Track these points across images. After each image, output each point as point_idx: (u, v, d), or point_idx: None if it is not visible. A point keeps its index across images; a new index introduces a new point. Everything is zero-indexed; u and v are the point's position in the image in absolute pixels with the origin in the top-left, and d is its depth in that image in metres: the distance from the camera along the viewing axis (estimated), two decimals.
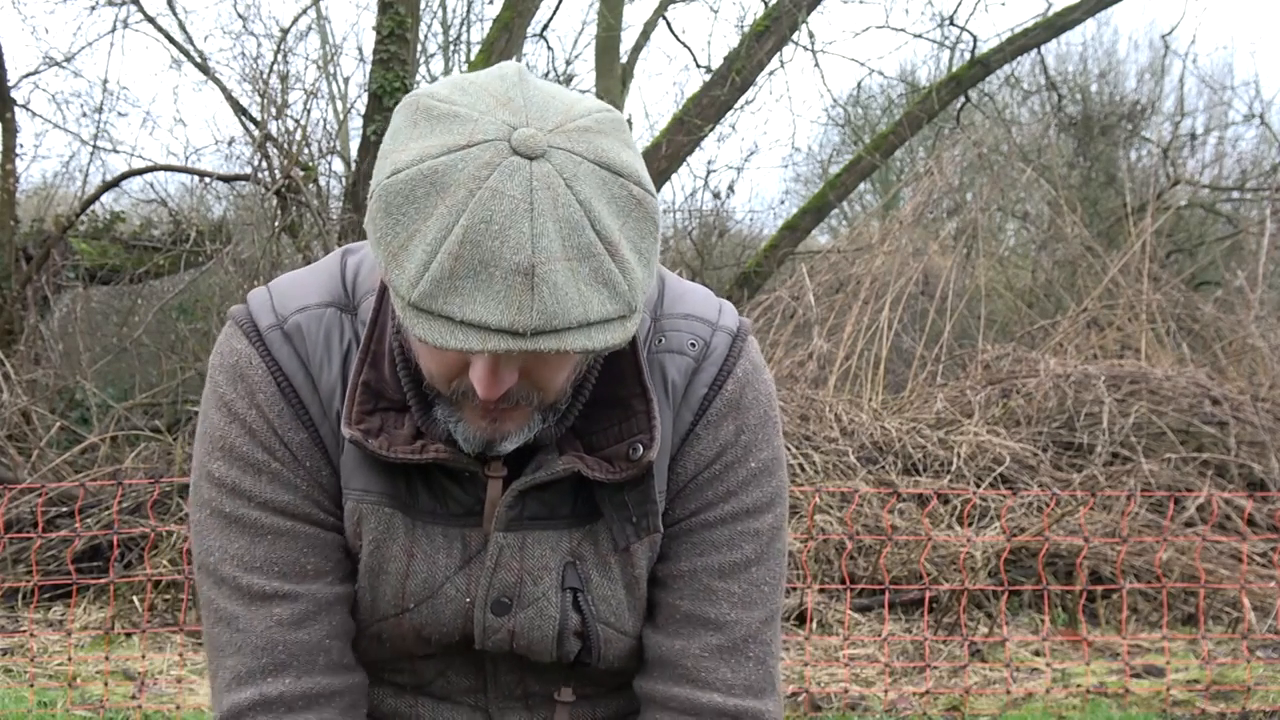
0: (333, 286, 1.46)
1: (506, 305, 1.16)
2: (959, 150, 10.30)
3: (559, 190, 1.18)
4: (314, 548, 1.43)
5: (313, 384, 1.42)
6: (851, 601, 5.28)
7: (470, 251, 1.16)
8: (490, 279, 1.16)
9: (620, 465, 1.38)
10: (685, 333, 1.46)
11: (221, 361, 1.44)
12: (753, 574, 1.47)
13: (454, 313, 1.17)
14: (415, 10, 9.36)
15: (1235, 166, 13.10)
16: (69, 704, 4.28)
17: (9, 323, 8.00)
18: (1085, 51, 14.21)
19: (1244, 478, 6.45)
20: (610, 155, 1.21)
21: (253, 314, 1.44)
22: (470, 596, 1.44)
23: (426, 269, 1.17)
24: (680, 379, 1.44)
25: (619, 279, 1.20)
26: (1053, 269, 10.28)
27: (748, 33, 10.53)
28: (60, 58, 10.13)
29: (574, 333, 1.18)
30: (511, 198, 1.16)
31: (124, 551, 5.49)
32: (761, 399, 1.48)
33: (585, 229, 1.18)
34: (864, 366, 7.61)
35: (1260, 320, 8.08)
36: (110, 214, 9.22)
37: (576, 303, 1.17)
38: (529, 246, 1.16)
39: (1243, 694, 4.49)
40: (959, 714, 4.38)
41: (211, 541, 1.43)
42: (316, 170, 8.59)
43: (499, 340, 1.17)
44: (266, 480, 1.41)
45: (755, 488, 1.47)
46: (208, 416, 1.45)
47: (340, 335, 1.42)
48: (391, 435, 1.37)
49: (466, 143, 1.19)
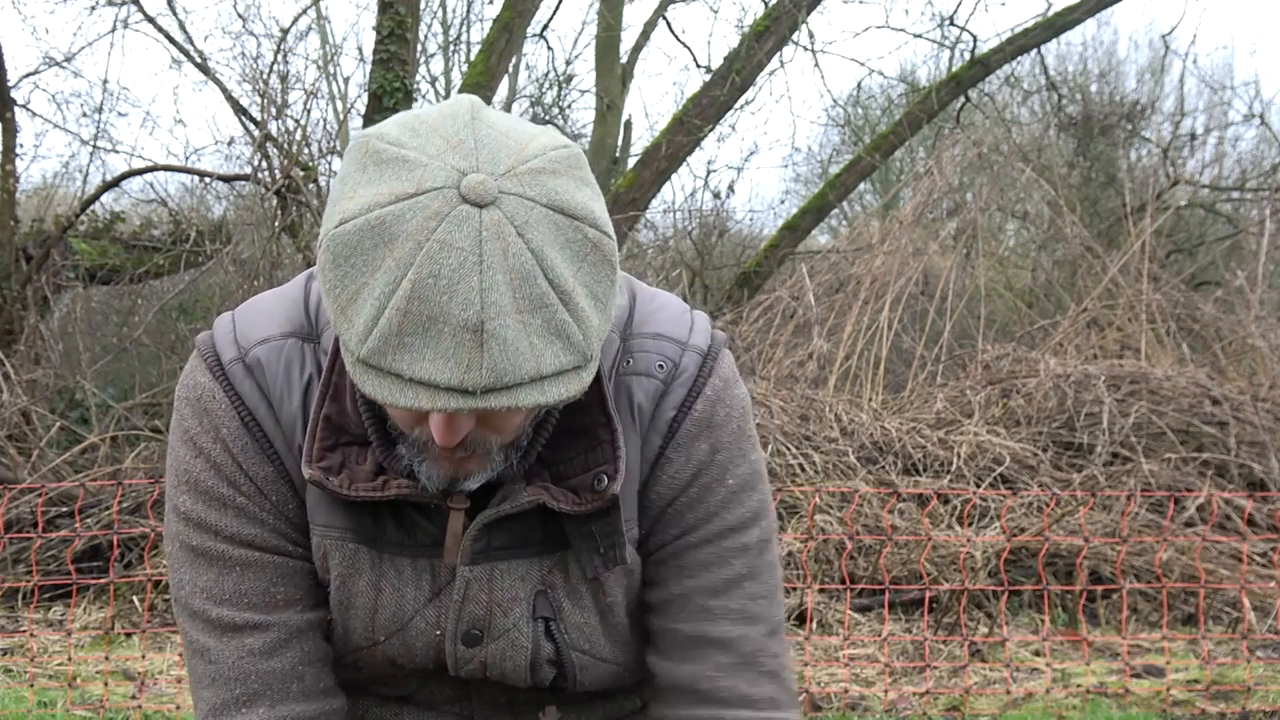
0: (295, 315, 1.43)
1: (455, 363, 1.14)
2: (959, 150, 10.30)
3: (509, 239, 1.14)
4: (283, 577, 1.43)
5: (275, 417, 1.40)
6: (851, 601, 5.28)
7: (418, 307, 1.13)
8: (439, 336, 1.14)
9: (586, 496, 1.36)
10: (654, 354, 1.43)
11: (186, 394, 1.43)
12: (747, 589, 1.45)
13: (403, 370, 1.15)
14: (415, 10, 9.36)
15: (1235, 166, 13.11)
16: (69, 704, 4.28)
17: (9, 323, 8.00)
18: (1085, 51, 14.22)
19: (1244, 478, 6.45)
20: (564, 197, 1.18)
21: (216, 345, 1.42)
22: (440, 629, 1.43)
23: (375, 324, 1.15)
24: (647, 403, 1.41)
25: (573, 329, 1.17)
26: (1053, 269, 10.28)
27: (748, 33, 10.52)
28: (60, 58, 10.15)
29: (526, 388, 1.16)
30: (460, 250, 1.13)
31: (124, 551, 5.49)
32: (734, 414, 1.45)
33: (537, 279, 1.15)
34: (864, 366, 7.60)
35: (1260, 320, 8.07)
36: (110, 214, 9.22)
37: (528, 357, 1.15)
38: (478, 301, 1.13)
39: (1243, 694, 4.49)
40: (959, 714, 4.38)
41: (183, 575, 1.44)
42: (316, 170, 8.59)
43: (449, 399, 1.15)
44: (232, 515, 1.41)
45: (736, 505, 1.45)
46: (174, 449, 1.44)
47: (301, 367, 1.40)
48: (353, 471, 1.36)
49: (415, 190, 1.15)
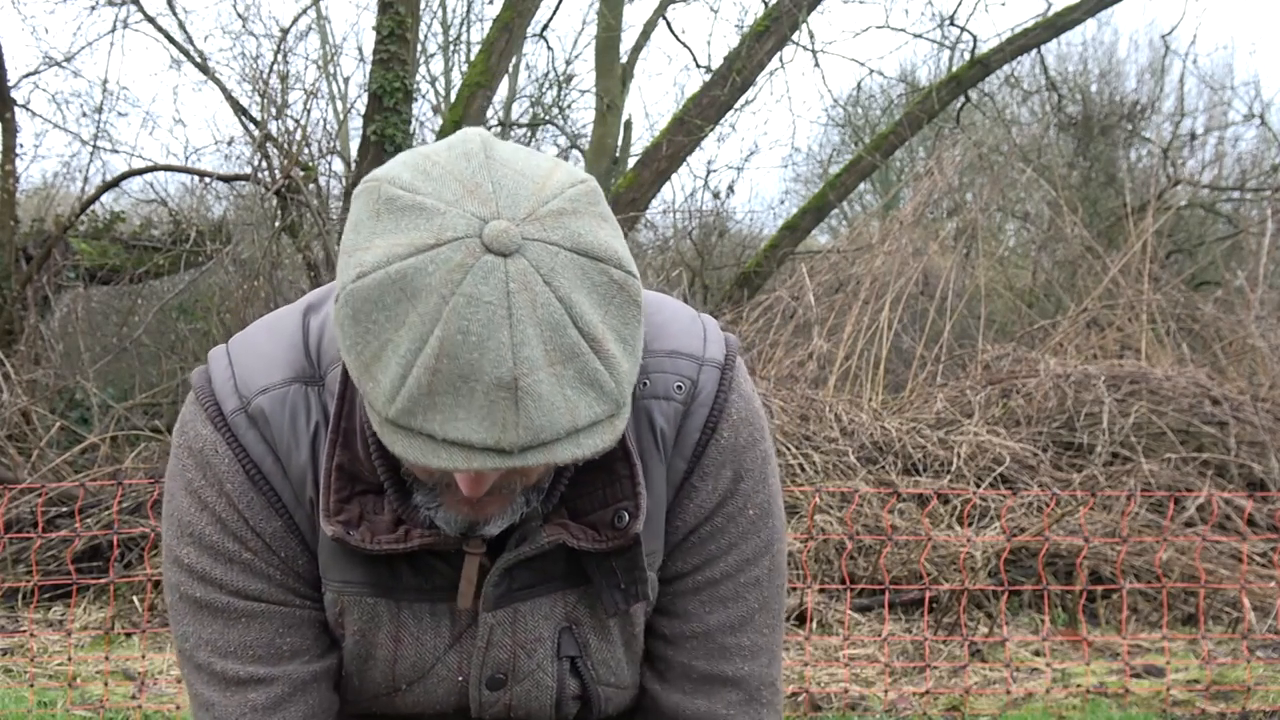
0: (295, 357, 1.37)
1: (491, 422, 1.09)
2: (959, 150, 10.30)
3: (537, 289, 1.10)
4: (290, 627, 1.39)
5: (283, 470, 1.35)
6: (851, 601, 5.28)
7: (448, 365, 1.09)
8: (471, 394, 1.09)
9: (606, 534, 1.33)
10: (670, 374, 1.39)
11: (187, 443, 1.38)
12: (757, 622, 1.47)
13: (435, 431, 1.10)
14: (415, 10, 9.36)
15: (1235, 166, 13.12)
16: (69, 704, 4.28)
17: (9, 323, 8.00)
18: (1085, 51, 14.24)
19: (1244, 478, 6.44)
20: (587, 239, 1.14)
21: (216, 393, 1.37)
22: (463, 675, 1.41)
23: (403, 384, 1.10)
24: (669, 427, 1.38)
25: (605, 377, 1.13)
26: (1053, 269, 10.28)
27: (748, 33, 10.53)
28: (60, 58, 10.15)
29: (562, 443, 1.12)
30: (488, 304, 1.09)
31: (124, 551, 5.49)
32: (757, 436, 1.44)
33: (567, 328, 1.11)
34: (864, 366, 7.60)
35: (1260, 320, 8.07)
36: (110, 214, 9.23)
37: (564, 411, 1.11)
38: (510, 357, 1.09)
39: (1243, 694, 4.49)
40: (959, 714, 4.38)
41: (186, 627, 1.40)
42: (316, 170, 8.60)
43: (485, 459, 1.11)
44: (238, 570, 1.37)
45: (754, 535, 1.45)
46: (174, 497, 1.39)
47: (307, 415, 1.34)
48: (373, 523, 1.31)
49: (435, 241, 1.11)
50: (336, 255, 6.69)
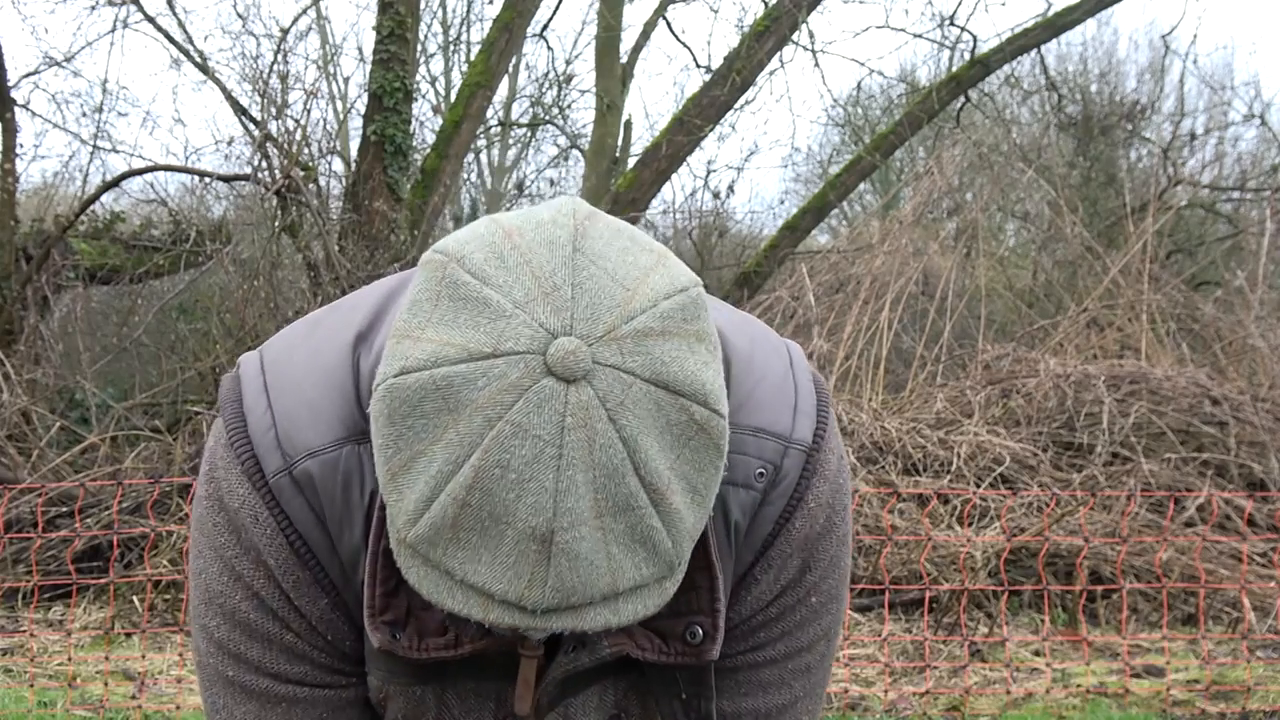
0: (346, 410, 1.17)
1: (515, 575, 0.96)
2: (959, 150, 10.31)
3: (598, 427, 0.95)
4: (333, 710, 1.27)
5: (330, 543, 1.19)
6: (851, 601, 5.28)
7: (479, 500, 0.95)
8: (500, 538, 0.96)
9: (675, 646, 1.20)
10: (754, 458, 1.21)
11: (218, 495, 1.21)
12: (798, 709, 1.34)
13: (454, 569, 0.98)
14: (415, 10, 9.37)
15: (1235, 166, 13.13)
16: (69, 704, 4.28)
17: (9, 323, 8.00)
18: (1085, 51, 14.25)
19: (1244, 478, 6.44)
20: (672, 370, 0.98)
21: (255, 445, 1.18)
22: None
23: (427, 508, 0.97)
24: (744, 518, 1.22)
25: (661, 536, 0.99)
26: (1053, 269, 10.29)
27: (748, 33, 10.53)
28: (60, 58, 10.14)
29: (595, 608, 0.99)
30: (537, 439, 0.94)
31: (124, 551, 5.49)
32: (835, 521, 1.28)
33: (626, 476, 0.96)
34: (864, 366, 7.61)
35: (1260, 320, 8.07)
36: (110, 214, 9.22)
37: (604, 571, 0.97)
38: (550, 506, 0.94)
39: (1243, 694, 4.49)
40: (959, 714, 4.38)
41: (217, 699, 1.27)
42: (316, 170, 8.59)
43: (503, 613, 0.98)
44: (277, 651, 1.23)
45: (813, 623, 1.31)
46: (203, 557, 1.23)
47: (361, 484, 1.16)
48: (420, 622, 1.17)
49: (492, 350, 0.95)
50: (336, 255, 6.74)
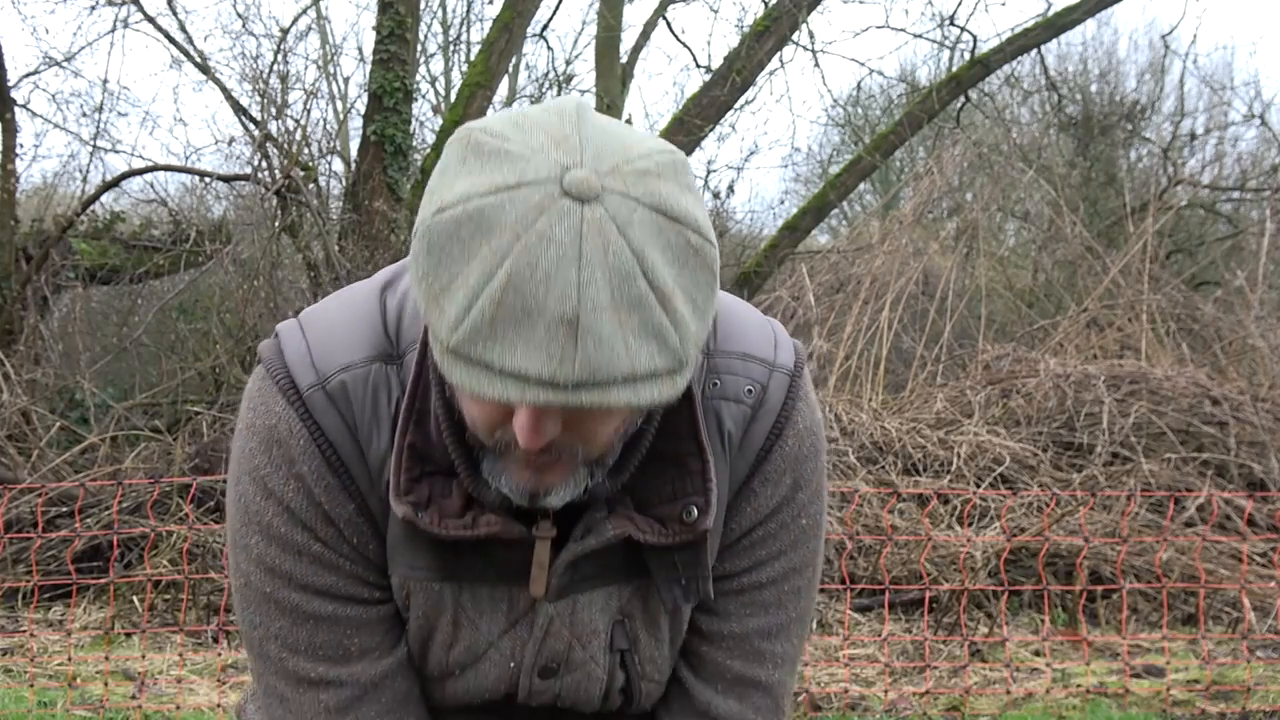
0: (375, 336, 1.35)
1: (548, 356, 1.09)
2: (959, 150, 10.31)
3: (610, 237, 1.10)
4: (358, 628, 1.40)
5: (360, 452, 1.33)
6: (851, 601, 5.28)
7: (512, 298, 1.09)
8: (532, 328, 1.09)
9: (674, 528, 1.33)
10: (742, 377, 1.39)
11: (257, 422, 1.35)
12: (791, 631, 1.50)
13: (493, 361, 1.10)
14: (415, 10, 9.37)
15: (1235, 166, 13.13)
16: (69, 704, 4.28)
17: (9, 323, 8.00)
18: (1085, 51, 14.24)
19: (1244, 478, 6.44)
20: (669, 201, 1.14)
21: (290, 368, 1.34)
22: (515, 661, 1.42)
23: (467, 314, 1.10)
24: (736, 429, 1.39)
25: (670, 332, 1.12)
26: (1053, 269, 10.29)
27: (748, 33, 10.53)
28: (60, 58, 10.13)
29: (619, 387, 1.11)
30: (559, 243, 1.09)
31: (124, 551, 5.49)
32: (818, 448, 1.45)
33: (636, 278, 1.10)
34: (864, 366, 7.61)
35: (1260, 320, 8.07)
36: (110, 214, 9.22)
37: (623, 355, 1.10)
38: (574, 295, 1.08)
39: (1243, 694, 4.49)
40: (959, 714, 4.38)
41: (254, 615, 1.40)
42: (316, 170, 8.60)
43: (538, 392, 1.09)
44: (307, 562, 1.36)
45: (803, 545, 1.47)
46: (240, 483, 1.37)
47: (388, 395, 1.33)
48: (441, 506, 1.31)
49: (516, 182, 1.11)
50: (336, 255, 6.73)
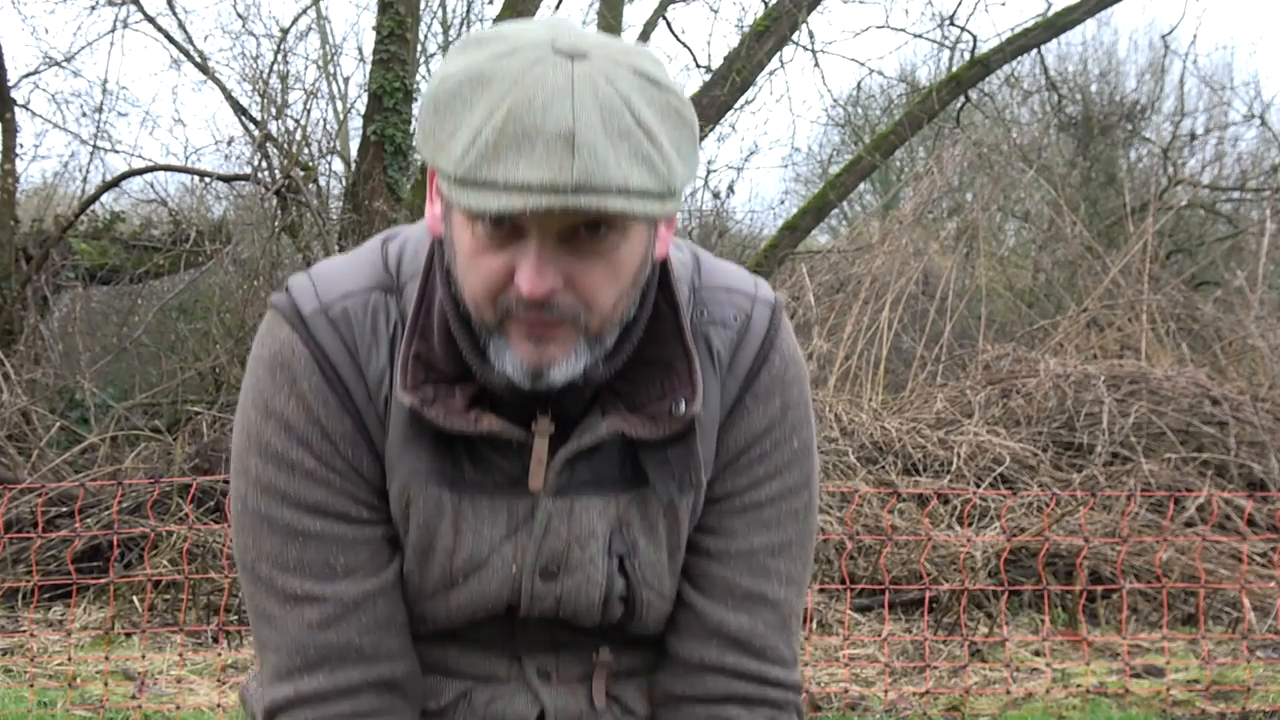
0: (376, 272, 1.47)
1: (547, 165, 1.19)
2: (959, 150, 10.30)
3: (599, 83, 1.23)
4: (344, 548, 1.46)
5: (359, 370, 1.43)
6: (851, 601, 5.28)
7: (513, 125, 1.20)
8: (532, 146, 1.20)
9: (664, 422, 1.41)
10: (726, 305, 1.50)
11: (263, 351, 1.45)
12: (793, 553, 1.55)
13: (497, 178, 1.20)
14: (415, 10, 9.37)
15: (1235, 166, 13.12)
16: (69, 704, 4.28)
17: (9, 323, 8.00)
18: (1085, 51, 14.22)
19: (1244, 478, 6.44)
20: (650, 70, 1.27)
21: (295, 300, 1.44)
22: (517, 564, 1.47)
23: (472, 145, 1.21)
24: (725, 350, 1.48)
25: (658, 160, 1.23)
26: (1053, 269, 10.29)
27: (748, 33, 10.53)
28: (60, 58, 10.14)
29: (614, 195, 1.21)
30: (554, 83, 1.21)
31: (124, 551, 5.49)
32: (802, 375, 1.55)
33: (624, 114, 1.22)
34: (864, 366, 7.61)
35: (1260, 320, 8.07)
36: (110, 214, 9.22)
37: (615, 170, 1.21)
38: (570, 117, 1.20)
39: (1243, 694, 4.49)
40: (959, 714, 4.38)
41: (247, 538, 1.47)
42: (316, 170, 8.60)
43: (540, 197, 1.19)
44: (300, 478, 1.43)
45: (797, 467, 1.54)
46: (245, 411, 1.46)
47: (387, 318, 1.43)
48: (446, 405, 1.39)
49: (510, 50, 1.25)
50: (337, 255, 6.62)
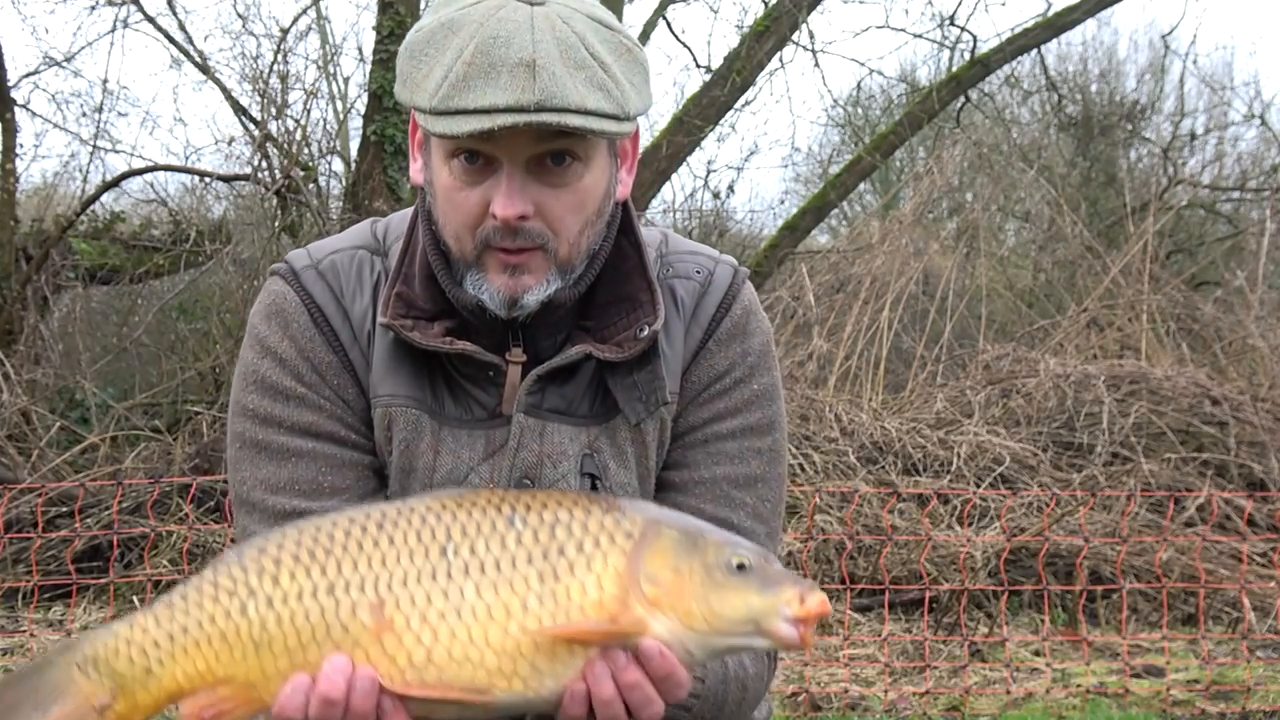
0: (363, 237, 1.66)
1: (511, 87, 1.37)
2: (959, 150, 10.30)
3: (558, 25, 1.42)
4: (332, 468, 1.57)
5: (344, 313, 1.59)
6: (851, 601, 5.28)
7: (480, 59, 1.39)
8: (498, 74, 1.38)
9: (628, 345, 1.54)
10: (690, 263, 1.66)
11: (259, 309, 1.62)
12: (759, 490, 1.63)
13: (467, 104, 1.38)
14: (415, 10, 9.35)
15: (1235, 166, 13.12)
16: None
17: (9, 323, 7.99)
18: (1085, 51, 14.20)
19: (1244, 478, 6.44)
20: (605, 17, 1.46)
21: (289, 260, 1.64)
22: (493, 482, 1.57)
23: (444, 80, 1.40)
24: (689, 299, 1.63)
25: (613, 88, 1.42)
26: (1053, 269, 10.28)
27: (748, 33, 10.52)
28: (60, 58, 10.11)
29: (573, 114, 1.38)
30: (516, 23, 1.41)
31: (124, 551, 5.49)
32: (763, 329, 1.68)
33: (580, 49, 1.41)
34: (864, 366, 7.61)
35: (1260, 320, 8.07)
36: (110, 214, 9.21)
37: (574, 92, 1.38)
38: (530, 47, 1.39)
39: (1243, 694, 4.49)
40: (959, 714, 4.38)
41: (244, 472, 1.59)
42: (316, 170, 8.60)
43: (506, 116, 1.37)
44: (293, 404, 1.57)
45: (758, 408, 1.64)
46: (243, 359, 1.61)
47: (371, 269, 1.61)
48: (423, 331, 1.54)
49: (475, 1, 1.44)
50: None
